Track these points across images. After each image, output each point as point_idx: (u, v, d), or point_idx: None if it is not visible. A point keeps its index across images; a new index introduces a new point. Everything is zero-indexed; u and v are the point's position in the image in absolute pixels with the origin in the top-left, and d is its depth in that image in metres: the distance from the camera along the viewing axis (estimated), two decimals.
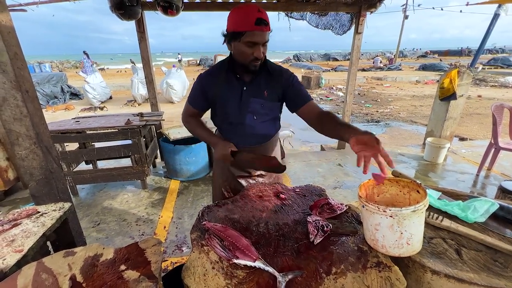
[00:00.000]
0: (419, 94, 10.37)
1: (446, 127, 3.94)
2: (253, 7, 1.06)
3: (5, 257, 0.90)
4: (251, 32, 1.05)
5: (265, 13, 1.08)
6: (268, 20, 1.08)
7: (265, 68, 1.22)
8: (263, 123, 1.29)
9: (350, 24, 3.65)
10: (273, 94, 1.24)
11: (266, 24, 1.06)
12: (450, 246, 0.91)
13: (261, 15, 1.04)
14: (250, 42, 1.08)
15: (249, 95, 1.22)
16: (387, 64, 20.43)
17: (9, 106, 1.03)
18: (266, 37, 1.09)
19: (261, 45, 1.10)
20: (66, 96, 9.86)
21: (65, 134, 2.72)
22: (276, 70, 1.25)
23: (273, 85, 1.23)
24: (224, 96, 1.23)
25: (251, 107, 1.23)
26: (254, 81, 1.22)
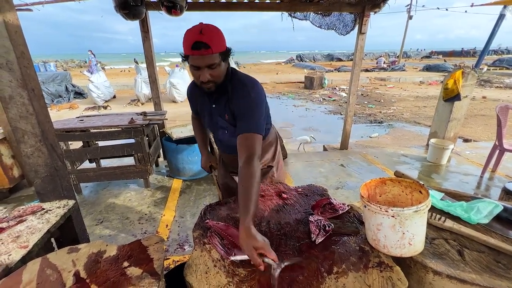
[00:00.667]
0: (423, 95, 10.30)
1: (450, 128, 3.91)
2: (196, 29, 0.97)
3: (10, 252, 0.91)
4: (191, 56, 1.00)
5: (209, 34, 0.96)
6: (212, 40, 0.96)
7: (226, 88, 1.13)
8: (232, 136, 1.20)
9: (354, 24, 3.64)
10: (231, 119, 1.17)
11: (207, 47, 0.96)
12: (452, 247, 0.90)
13: (200, 38, 0.95)
14: (193, 66, 1.03)
15: (216, 113, 1.21)
16: (390, 65, 20.31)
17: (15, 104, 1.04)
18: (207, 60, 0.99)
19: (207, 68, 1.01)
20: (70, 95, 9.94)
21: (69, 132, 2.75)
22: (235, 90, 1.13)
23: (229, 107, 1.15)
24: (200, 109, 1.31)
25: (219, 124, 1.24)
26: (218, 100, 1.18)
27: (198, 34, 0.96)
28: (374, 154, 4.07)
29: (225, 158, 1.51)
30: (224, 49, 1.04)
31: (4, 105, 1.03)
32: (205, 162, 1.46)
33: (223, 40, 1.03)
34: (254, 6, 3.35)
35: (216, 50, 0.99)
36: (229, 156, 1.44)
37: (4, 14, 0.95)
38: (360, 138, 5.48)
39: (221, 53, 1.02)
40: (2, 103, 1.03)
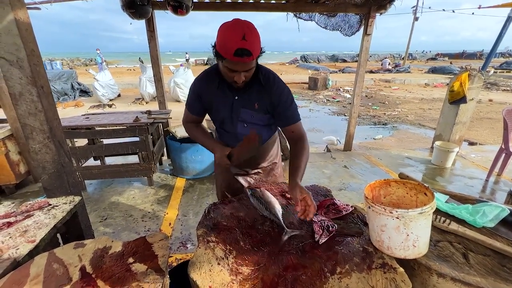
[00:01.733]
0: (428, 97, 10.22)
1: (455, 131, 3.87)
2: (239, 32, 0.94)
3: (18, 246, 0.93)
4: (230, 60, 0.99)
5: (252, 39, 0.95)
6: (254, 47, 0.97)
7: (258, 79, 1.17)
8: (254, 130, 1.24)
9: (359, 25, 3.63)
10: (263, 107, 1.21)
11: (249, 55, 0.96)
12: (457, 250, 0.90)
13: (243, 45, 0.94)
14: (229, 69, 1.03)
15: (239, 105, 1.21)
16: (395, 67, 20.16)
17: (24, 101, 1.06)
18: (247, 66, 1.02)
19: (243, 71, 1.04)
20: (76, 93, 10.05)
21: (75, 130, 2.78)
22: (269, 83, 1.18)
23: (264, 98, 1.19)
24: (216, 103, 1.25)
25: (242, 117, 1.23)
26: (245, 92, 1.19)
27: (241, 40, 0.93)
28: (378, 156, 4.05)
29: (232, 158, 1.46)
30: (259, 51, 1.04)
31: (14, 101, 1.05)
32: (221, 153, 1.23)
33: (260, 42, 1.02)
34: (260, 6, 3.35)
35: (256, 56, 1.01)
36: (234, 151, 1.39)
37: (15, 12, 0.96)
38: (364, 139, 5.45)
39: (257, 56, 1.04)
40: (12, 100, 1.05)
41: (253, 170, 1.47)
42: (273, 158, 1.51)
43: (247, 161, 1.43)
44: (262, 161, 1.47)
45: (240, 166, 1.46)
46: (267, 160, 1.49)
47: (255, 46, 0.98)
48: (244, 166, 1.46)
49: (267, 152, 1.47)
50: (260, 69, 1.17)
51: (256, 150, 1.22)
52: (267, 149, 1.46)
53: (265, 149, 1.45)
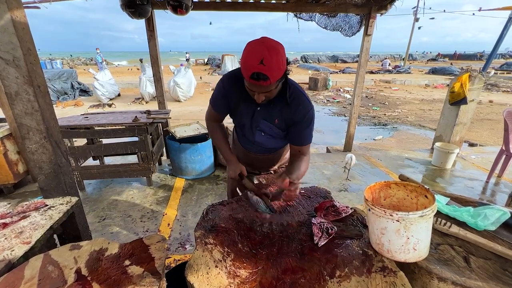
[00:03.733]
0: (428, 98, 10.21)
1: (455, 132, 3.86)
2: (258, 56, 0.92)
3: (13, 248, 0.92)
4: (248, 82, 1.01)
5: (270, 64, 0.93)
6: (272, 71, 0.94)
7: (284, 96, 1.14)
8: (271, 138, 1.31)
9: (360, 25, 3.62)
10: (282, 123, 1.21)
11: (266, 79, 0.95)
12: (458, 253, 0.89)
13: (259, 69, 0.93)
14: (248, 88, 1.06)
15: (260, 116, 1.21)
16: (395, 67, 20.14)
17: (21, 101, 1.05)
18: (265, 89, 1.01)
19: (262, 93, 1.03)
20: (75, 92, 10.03)
21: (74, 129, 2.76)
22: (294, 100, 1.16)
23: (285, 115, 1.18)
24: (240, 110, 1.24)
25: (261, 127, 1.25)
26: (268, 105, 1.18)
27: (258, 65, 0.92)
28: (378, 156, 4.03)
29: (246, 158, 1.46)
30: (282, 74, 1.01)
31: (10, 101, 1.04)
32: (235, 170, 1.28)
33: (283, 65, 0.99)
34: (260, 6, 3.34)
35: (274, 80, 0.98)
36: (252, 156, 1.45)
37: (12, 11, 0.95)
38: (364, 140, 5.44)
39: (279, 80, 1.01)
40: (8, 99, 1.04)
41: (266, 170, 1.55)
42: (284, 162, 1.56)
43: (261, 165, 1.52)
44: (275, 164, 1.54)
45: (254, 168, 1.53)
46: (280, 163, 1.55)
47: (274, 71, 0.95)
48: (257, 169, 1.54)
49: (281, 157, 1.52)
50: (289, 86, 1.15)
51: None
52: (281, 154, 1.50)
53: (279, 154, 1.49)
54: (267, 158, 1.46)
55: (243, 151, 1.46)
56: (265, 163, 1.50)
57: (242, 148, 1.46)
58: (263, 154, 1.43)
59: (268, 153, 1.43)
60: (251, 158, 1.46)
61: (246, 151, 1.45)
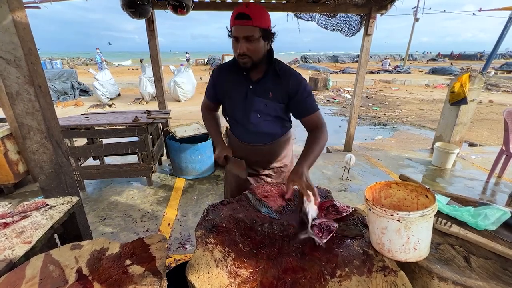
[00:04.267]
0: (428, 98, 10.21)
1: (455, 132, 3.86)
2: (244, 4, 1.07)
3: (14, 247, 0.92)
4: (233, 27, 1.08)
5: (255, 8, 1.05)
6: (255, 13, 1.04)
7: (273, 69, 1.21)
8: (267, 121, 1.29)
9: (360, 25, 3.62)
10: (278, 96, 1.23)
11: (249, 18, 1.03)
12: (458, 253, 0.89)
13: (243, 10, 1.04)
14: (234, 37, 1.10)
15: (254, 94, 1.23)
16: (395, 67, 20.13)
17: (22, 101, 1.05)
18: (245, 31, 1.06)
19: (243, 40, 1.08)
20: (76, 92, 10.03)
21: (74, 129, 2.77)
22: (285, 73, 1.21)
23: (279, 87, 1.21)
24: (231, 92, 1.28)
25: (255, 106, 1.24)
26: (260, 81, 1.22)
27: (243, 7, 1.05)
28: (378, 156, 4.04)
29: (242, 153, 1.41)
30: (266, 27, 1.09)
31: (11, 101, 1.04)
32: (221, 152, 1.33)
33: (267, 19, 1.09)
34: None
35: (257, 23, 1.05)
36: (248, 148, 1.39)
37: (13, 11, 0.95)
38: (364, 140, 5.45)
39: (262, 29, 1.08)
40: (9, 99, 1.04)
41: (264, 170, 1.46)
42: (285, 159, 1.48)
43: (259, 161, 1.43)
44: (274, 161, 1.45)
45: (250, 166, 1.44)
46: (279, 161, 1.46)
47: (256, 14, 1.04)
48: (255, 166, 1.45)
49: (280, 151, 1.43)
50: (277, 60, 1.23)
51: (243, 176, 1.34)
52: (280, 147, 1.42)
53: (277, 147, 1.41)
54: (264, 150, 1.39)
55: (238, 143, 1.41)
56: (262, 157, 1.41)
57: (236, 140, 1.41)
58: (259, 145, 1.37)
59: (264, 144, 1.37)
60: (247, 151, 1.39)
61: (241, 142, 1.39)
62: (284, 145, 1.44)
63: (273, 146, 1.39)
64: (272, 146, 1.39)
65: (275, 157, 1.44)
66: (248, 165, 1.41)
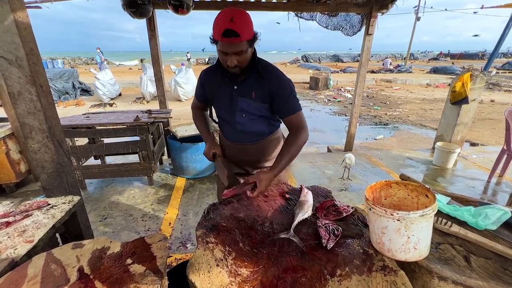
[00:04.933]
0: (430, 98, 10.19)
1: (456, 132, 3.85)
2: (227, 15, 1.00)
3: (16, 246, 0.93)
4: (220, 42, 1.05)
5: (241, 21, 1.00)
6: (242, 29, 1.01)
7: (256, 69, 1.21)
8: (253, 120, 1.31)
9: (361, 25, 3.61)
10: (260, 96, 1.23)
11: (236, 36, 1.00)
12: (458, 253, 0.89)
13: (230, 26, 0.98)
14: (221, 52, 1.08)
15: (238, 94, 1.25)
16: (397, 67, 20.07)
17: (23, 100, 1.06)
18: (236, 48, 1.05)
19: (235, 54, 1.07)
20: (77, 92, 10.06)
21: (75, 129, 2.78)
22: (267, 72, 1.22)
23: (261, 87, 1.22)
24: (217, 94, 1.31)
25: (240, 106, 1.26)
26: (244, 81, 1.23)
27: (229, 22, 0.99)
28: (379, 156, 4.03)
29: (231, 153, 1.44)
30: (252, 36, 1.08)
31: (12, 101, 1.05)
32: (209, 148, 1.38)
33: (251, 27, 1.06)
34: (261, 5, 3.34)
35: (245, 38, 1.04)
36: (238, 148, 1.40)
37: (15, 11, 0.96)
38: (365, 140, 5.44)
39: (248, 40, 1.07)
40: (11, 99, 1.04)
41: (254, 170, 1.46)
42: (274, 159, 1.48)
43: (248, 160, 1.43)
44: (263, 160, 1.44)
45: (240, 165, 1.46)
46: (269, 160, 1.45)
47: (244, 29, 1.02)
48: (244, 165, 1.46)
49: (269, 150, 1.43)
50: (260, 61, 1.23)
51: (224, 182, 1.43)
52: (268, 146, 1.41)
53: (266, 146, 1.41)
54: (252, 149, 1.39)
55: (227, 142, 1.43)
56: (251, 156, 1.42)
57: (225, 139, 1.44)
58: (247, 144, 1.38)
59: (252, 142, 1.37)
60: (235, 150, 1.41)
61: (230, 141, 1.41)
62: (272, 144, 1.44)
63: (260, 145, 1.39)
64: (259, 145, 1.39)
65: (264, 156, 1.44)
66: (238, 165, 1.46)
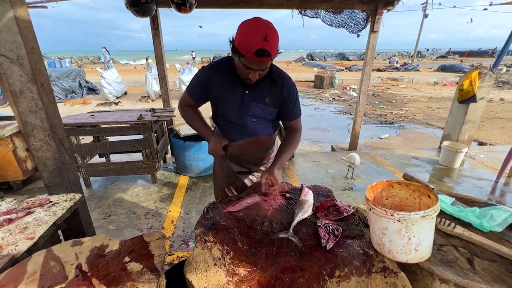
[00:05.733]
0: (437, 96, 10.01)
1: (464, 131, 3.78)
2: (261, 33, 0.97)
3: (17, 243, 0.94)
4: (249, 59, 1.02)
5: (272, 41, 0.99)
6: (273, 49, 1.01)
7: (270, 75, 1.20)
8: (262, 124, 1.31)
9: (366, 22, 3.56)
10: (274, 101, 1.25)
11: (268, 56, 1.00)
12: (461, 255, 0.87)
13: (263, 46, 0.97)
14: (246, 66, 1.07)
15: (250, 99, 1.22)
16: (403, 65, 19.75)
17: (25, 99, 1.07)
18: (264, 66, 1.07)
19: (260, 71, 1.08)
20: (83, 91, 10.18)
21: (80, 127, 2.80)
22: (280, 79, 1.23)
23: (274, 92, 1.23)
24: (226, 97, 1.24)
25: (252, 111, 1.24)
26: (257, 86, 1.20)
27: (262, 41, 0.97)
28: (384, 155, 3.98)
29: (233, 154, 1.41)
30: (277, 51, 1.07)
31: (14, 99, 1.06)
32: (216, 142, 1.27)
33: (279, 42, 1.05)
34: (264, 3, 3.32)
35: (274, 57, 1.05)
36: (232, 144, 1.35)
37: (15, 10, 0.96)
38: (369, 139, 5.38)
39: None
40: (13, 97, 1.05)
41: (255, 167, 1.48)
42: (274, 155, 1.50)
43: (252, 160, 1.43)
44: (265, 158, 1.49)
45: (243, 164, 1.45)
46: (271, 158, 1.50)
47: (275, 48, 1.02)
48: (247, 164, 1.46)
49: (270, 149, 1.47)
50: (274, 67, 1.23)
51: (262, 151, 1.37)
52: (272, 144, 1.47)
53: (270, 145, 1.45)
54: (257, 149, 1.41)
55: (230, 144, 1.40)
56: (256, 155, 1.44)
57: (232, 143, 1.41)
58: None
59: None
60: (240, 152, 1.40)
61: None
62: (273, 143, 1.48)
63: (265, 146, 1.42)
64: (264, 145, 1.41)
65: (266, 155, 1.49)
66: (240, 165, 1.45)
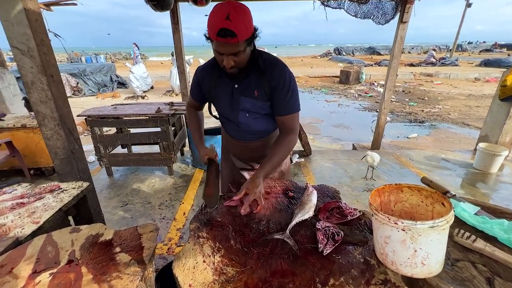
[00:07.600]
0: (477, 94, 9.13)
1: (505, 132, 3.38)
2: (223, 11, 0.89)
3: (24, 226, 0.99)
4: (215, 42, 0.95)
5: (238, 19, 0.89)
6: (239, 28, 0.90)
7: (257, 65, 1.11)
8: (256, 119, 1.23)
9: (394, 12, 3.30)
10: (263, 94, 1.14)
11: (233, 36, 0.90)
12: (480, 273, 0.75)
13: (226, 25, 0.88)
14: (216, 51, 1.00)
15: (239, 93, 1.16)
16: (440, 60, 18.24)
17: (36, 89, 1.11)
18: (232, 49, 0.95)
19: (231, 55, 0.98)
20: (114, 85, 10.78)
21: (103, 119, 2.95)
22: (269, 67, 1.12)
23: (263, 84, 1.12)
24: (216, 92, 1.21)
25: (242, 105, 1.18)
26: (245, 79, 1.14)
27: (224, 20, 0.89)
28: (410, 156, 3.71)
29: (236, 149, 1.42)
30: (251, 34, 0.97)
31: (27, 89, 1.11)
32: (204, 154, 1.30)
33: (250, 24, 0.96)
34: None
35: (242, 38, 0.94)
36: (241, 145, 1.36)
37: (25, 2, 1.00)
38: (395, 138, 5.05)
39: (246, 39, 0.97)
40: (26, 88, 1.11)
41: (257, 165, 1.41)
42: None
43: (253, 156, 1.39)
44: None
45: (246, 161, 1.42)
46: None
47: (241, 27, 0.91)
48: (250, 161, 1.42)
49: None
50: (261, 54, 1.12)
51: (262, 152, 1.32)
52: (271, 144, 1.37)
53: (271, 142, 1.36)
54: (257, 146, 1.34)
55: (231, 141, 1.37)
56: (256, 152, 1.37)
57: (229, 137, 1.38)
58: (252, 142, 1.33)
59: (257, 140, 1.32)
60: (240, 148, 1.36)
61: (234, 140, 1.36)
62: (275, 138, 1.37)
63: (266, 141, 1.34)
64: (264, 141, 1.34)
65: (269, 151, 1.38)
66: (242, 161, 1.41)
